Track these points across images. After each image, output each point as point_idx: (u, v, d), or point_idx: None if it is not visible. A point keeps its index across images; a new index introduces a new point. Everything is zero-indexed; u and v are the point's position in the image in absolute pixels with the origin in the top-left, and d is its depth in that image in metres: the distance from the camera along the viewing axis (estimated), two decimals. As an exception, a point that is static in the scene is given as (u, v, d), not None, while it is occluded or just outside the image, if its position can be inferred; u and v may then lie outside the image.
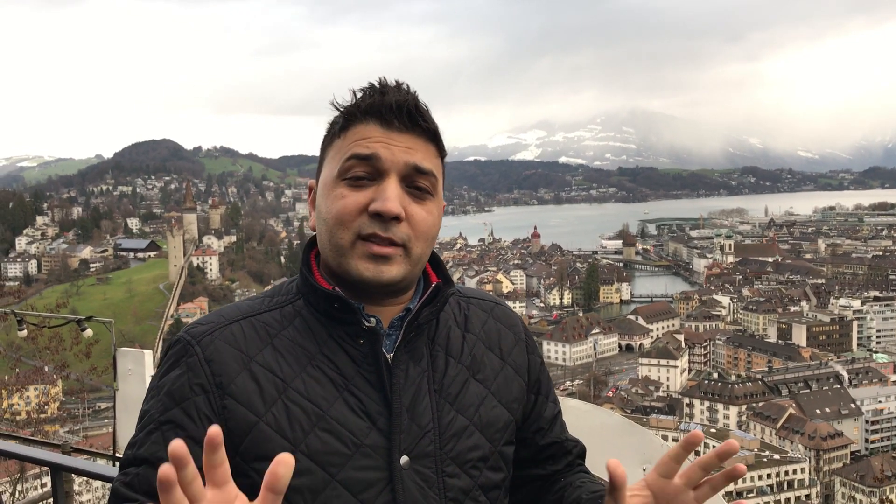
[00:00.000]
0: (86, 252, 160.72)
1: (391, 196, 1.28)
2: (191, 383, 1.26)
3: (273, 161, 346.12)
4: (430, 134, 1.35)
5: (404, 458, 1.29)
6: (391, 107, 1.31)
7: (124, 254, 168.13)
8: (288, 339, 1.32)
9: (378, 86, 1.35)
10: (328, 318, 1.34)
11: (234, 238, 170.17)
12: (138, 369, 4.97)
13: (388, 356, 1.33)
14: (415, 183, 1.32)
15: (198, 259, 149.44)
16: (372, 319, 1.32)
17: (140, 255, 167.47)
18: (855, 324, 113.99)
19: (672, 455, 1.22)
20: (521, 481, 1.53)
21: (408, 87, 1.36)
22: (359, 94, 1.35)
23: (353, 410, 1.28)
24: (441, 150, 1.39)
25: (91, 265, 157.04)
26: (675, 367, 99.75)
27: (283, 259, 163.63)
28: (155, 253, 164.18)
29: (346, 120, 1.34)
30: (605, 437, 2.72)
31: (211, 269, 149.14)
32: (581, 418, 2.44)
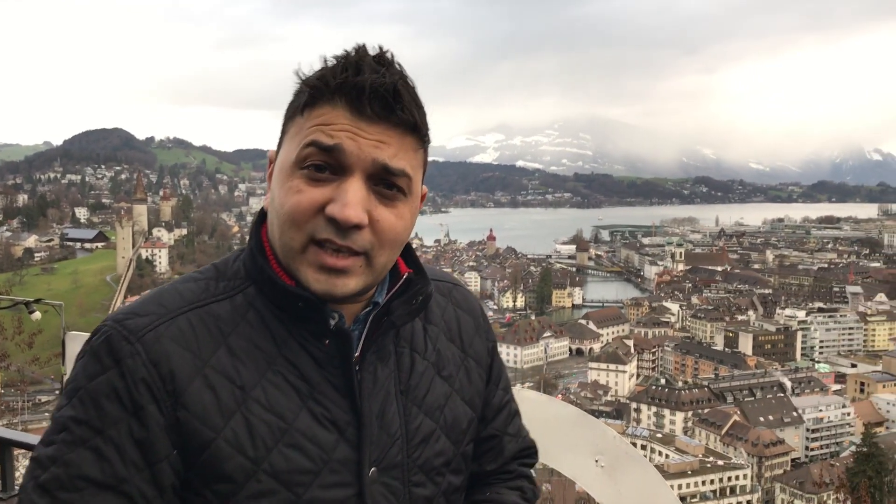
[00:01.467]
0: (31, 241, 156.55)
1: (352, 200, 1.10)
2: (137, 390, 1.08)
3: (228, 154, 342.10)
4: (411, 125, 1.15)
5: (373, 471, 1.18)
6: (364, 90, 1.10)
7: (71, 244, 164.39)
8: (244, 339, 1.16)
9: (354, 58, 1.14)
10: (287, 314, 1.18)
11: (184, 231, 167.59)
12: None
13: (355, 356, 1.21)
14: (383, 183, 1.14)
15: (147, 251, 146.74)
16: (335, 315, 1.17)
17: (87, 245, 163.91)
18: (799, 334, 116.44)
19: None
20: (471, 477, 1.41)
21: (391, 58, 1.16)
22: (330, 65, 1.15)
23: (319, 422, 1.15)
24: (423, 140, 1.20)
25: (36, 254, 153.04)
26: (624, 372, 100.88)
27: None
28: (103, 244, 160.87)
29: (312, 96, 1.14)
30: (559, 428, 2.67)
31: (160, 262, 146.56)
32: (536, 409, 2.35)
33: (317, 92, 1.14)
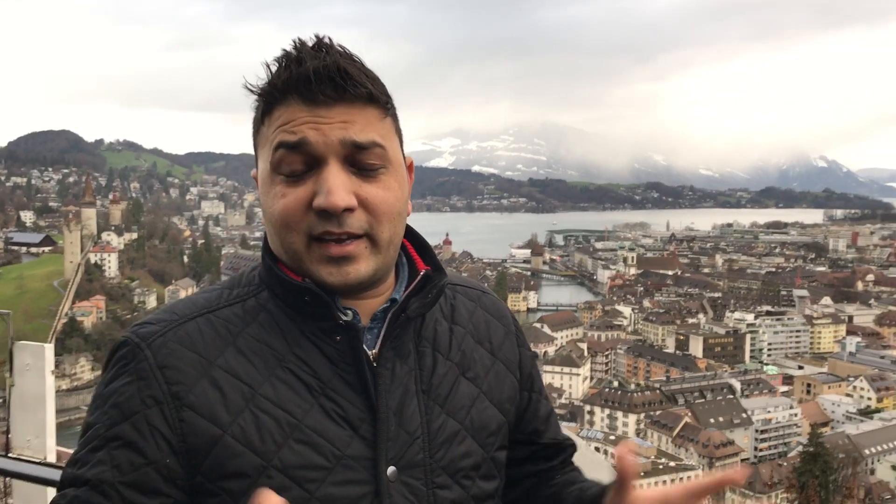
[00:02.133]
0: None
1: (334, 187, 1.11)
2: (141, 395, 1.10)
3: (179, 157, 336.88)
4: (367, 97, 1.14)
5: (391, 469, 1.15)
6: (310, 77, 1.11)
7: (16, 248, 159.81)
8: (253, 338, 1.17)
9: (294, 52, 1.14)
10: (298, 313, 1.18)
11: (135, 235, 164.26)
12: (37, 364, 4.65)
13: (371, 353, 1.19)
14: (359, 162, 1.14)
15: (96, 256, 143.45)
16: (348, 312, 1.17)
17: (33, 249, 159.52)
18: (748, 337, 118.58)
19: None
20: (515, 479, 1.40)
21: (330, 41, 1.15)
22: (273, 68, 1.15)
23: (331, 418, 1.14)
24: (386, 108, 1.18)
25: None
26: (578, 374, 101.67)
27: (186, 258, 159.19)
28: (50, 248, 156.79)
29: (267, 102, 1.16)
30: None
31: (109, 267, 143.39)
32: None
33: (269, 97, 1.15)
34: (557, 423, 1.47)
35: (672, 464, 68.92)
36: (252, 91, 1.18)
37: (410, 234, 1.31)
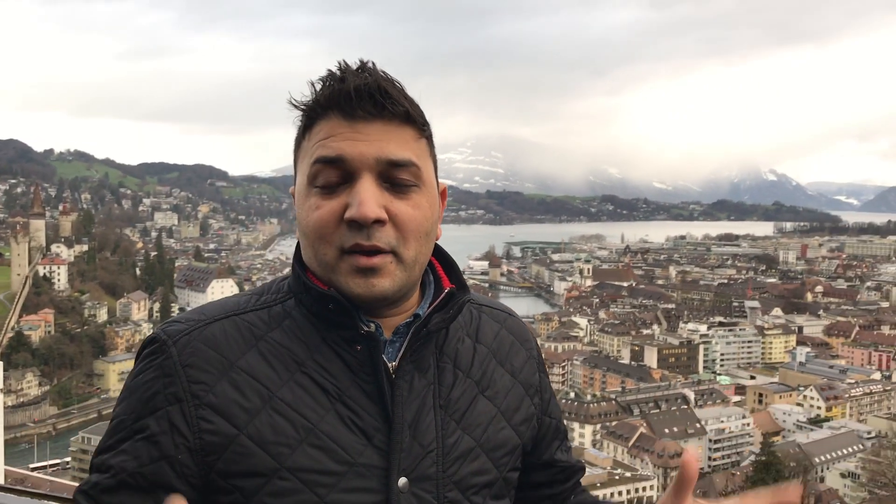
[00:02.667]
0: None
1: (365, 199, 1.14)
2: (164, 391, 1.15)
3: (132, 168, 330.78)
4: (404, 116, 1.19)
5: (402, 480, 1.16)
6: (350, 94, 1.16)
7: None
8: (275, 342, 1.20)
9: (338, 72, 1.19)
10: (322, 321, 1.21)
11: (85, 247, 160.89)
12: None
13: (390, 365, 1.20)
14: (393, 178, 1.17)
15: (45, 268, 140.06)
16: (371, 325, 1.20)
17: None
18: (701, 347, 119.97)
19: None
20: (531, 502, 1.44)
21: (373, 65, 1.20)
22: (318, 86, 1.20)
23: (346, 425, 1.16)
24: (423, 130, 1.23)
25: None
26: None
27: (138, 271, 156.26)
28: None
29: (308, 117, 1.21)
30: None
31: (59, 280, 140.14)
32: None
33: (311, 112, 1.20)
34: (570, 446, 1.49)
35: (628, 474, 69.40)
36: (296, 107, 1.22)
37: (439, 253, 1.35)
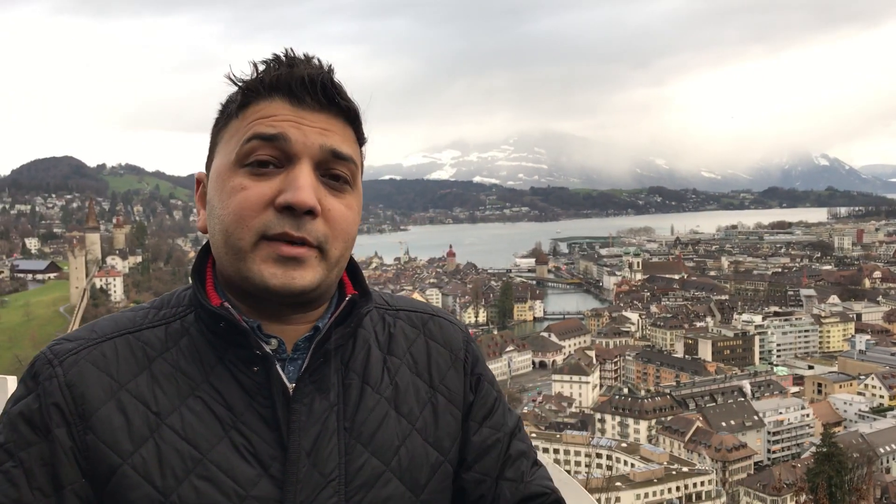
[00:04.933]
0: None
1: (304, 185, 1.07)
2: (48, 413, 1.05)
3: (181, 179, 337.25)
4: (350, 115, 1.15)
5: None
6: (302, 80, 1.10)
7: (22, 275, 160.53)
8: (169, 364, 1.11)
9: (284, 58, 1.13)
10: (219, 339, 1.12)
11: (139, 258, 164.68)
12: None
13: (290, 387, 1.12)
14: (332, 171, 1.12)
15: (101, 280, 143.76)
16: (272, 341, 1.12)
17: (39, 276, 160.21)
18: (757, 338, 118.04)
19: None
20: None
21: (319, 61, 1.14)
22: (261, 68, 1.14)
23: (240, 454, 1.07)
24: (360, 136, 1.18)
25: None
26: (587, 382, 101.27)
27: (191, 280, 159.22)
28: (55, 274, 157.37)
29: (245, 96, 1.13)
30: None
31: (115, 291, 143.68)
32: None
33: (252, 91, 1.12)
34: (510, 464, 1.31)
35: (685, 469, 68.45)
36: (234, 83, 1.15)
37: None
